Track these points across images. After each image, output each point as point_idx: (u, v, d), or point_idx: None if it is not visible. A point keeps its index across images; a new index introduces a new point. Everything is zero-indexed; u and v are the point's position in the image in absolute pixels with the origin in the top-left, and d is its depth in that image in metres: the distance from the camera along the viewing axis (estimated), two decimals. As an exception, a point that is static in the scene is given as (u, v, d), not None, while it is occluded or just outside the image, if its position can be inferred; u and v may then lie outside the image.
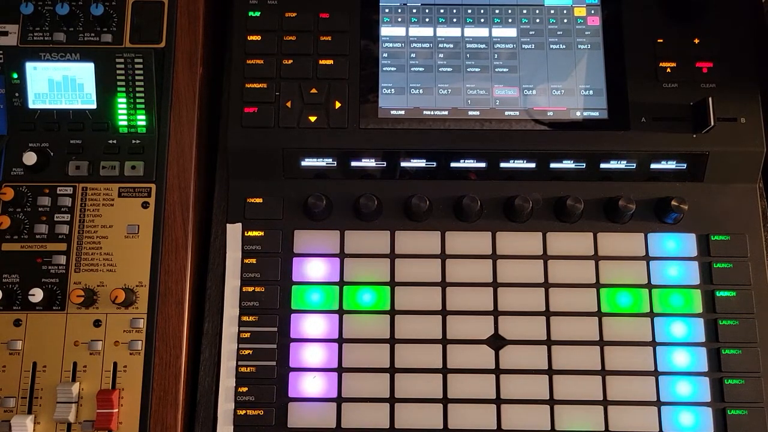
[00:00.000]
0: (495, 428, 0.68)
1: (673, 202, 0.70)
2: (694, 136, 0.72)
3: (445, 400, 0.69)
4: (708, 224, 0.73)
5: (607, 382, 0.69)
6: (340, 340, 0.70)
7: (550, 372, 0.69)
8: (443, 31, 0.75)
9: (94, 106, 0.73)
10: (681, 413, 0.68)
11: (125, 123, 0.73)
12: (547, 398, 0.69)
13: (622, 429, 0.68)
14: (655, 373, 0.69)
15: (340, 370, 0.69)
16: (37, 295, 0.67)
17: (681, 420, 0.68)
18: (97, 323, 0.69)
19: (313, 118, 0.73)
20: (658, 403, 0.68)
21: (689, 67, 0.73)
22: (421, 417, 0.68)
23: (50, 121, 0.73)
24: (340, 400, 0.69)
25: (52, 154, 0.72)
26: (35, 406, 0.67)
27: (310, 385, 0.69)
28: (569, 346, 0.70)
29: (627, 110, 0.73)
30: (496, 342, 0.70)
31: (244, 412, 0.68)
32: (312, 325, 0.70)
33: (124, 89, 0.73)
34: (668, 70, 0.73)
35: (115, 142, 0.73)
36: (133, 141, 0.73)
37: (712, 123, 0.69)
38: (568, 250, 0.72)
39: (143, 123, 0.73)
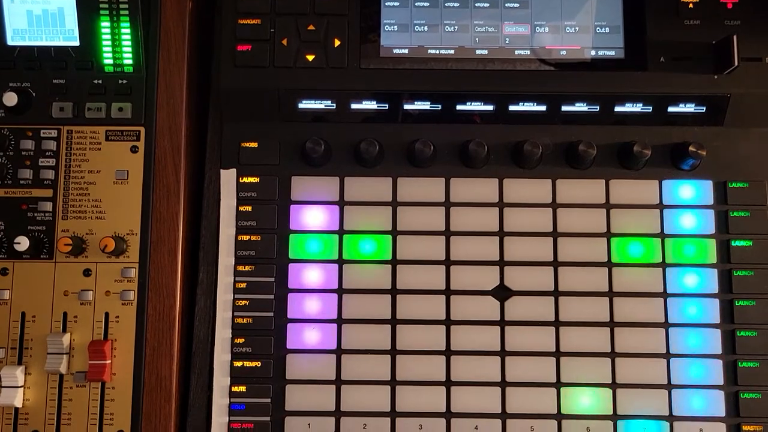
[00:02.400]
0: (499, 380, 0.66)
1: (691, 148, 0.67)
2: (716, 77, 0.68)
3: (449, 353, 0.67)
4: (726, 171, 0.70)
5: (615, 334, 0.67)
6: (340, 291, 0.68)
7: (557, 324, 0.67)
8: (450, -37, 0.71)
9: (77, 43, 0.69)
10: (691, 365, 0.67)
11: (111, 62, 0.69)
12: (554, 350, 0.67)
13: (630, 381, 0.66)
14: (666, 325, 0.67)
15: (340, 321, 0.68)
16: (23, 243, 0.65)
17: (691, 372, 0.66)
18: (86, 272, 0.66)
19: (310, 57, 0.69)
20: (668, 356, 0.67)
21: (713, 2, 0.69)
22: (423, 369, 0.67)
23: (31, 59, 0.69)
24: (339, 351, 0.67)
25: (33, 94, 0.69)
26: (25, 357, 0.65)
27: (309, 336, 0.67)
28: (577, 297, 0.68)
29: (645, 49, 0.69)
30: (502, 293, 0.68)
31: (241, 363, 0.67)
32: (310, 275, 0.68)
33: (108, 24, 0.68)
34: (690, 5, 0.69)
35: (100, 82, 0.69)
36: (120, 81, 0.69)
37: (736, 63, 0.65)
38: (579, 198, 0.69)
39: (130, 61, 0.69)
